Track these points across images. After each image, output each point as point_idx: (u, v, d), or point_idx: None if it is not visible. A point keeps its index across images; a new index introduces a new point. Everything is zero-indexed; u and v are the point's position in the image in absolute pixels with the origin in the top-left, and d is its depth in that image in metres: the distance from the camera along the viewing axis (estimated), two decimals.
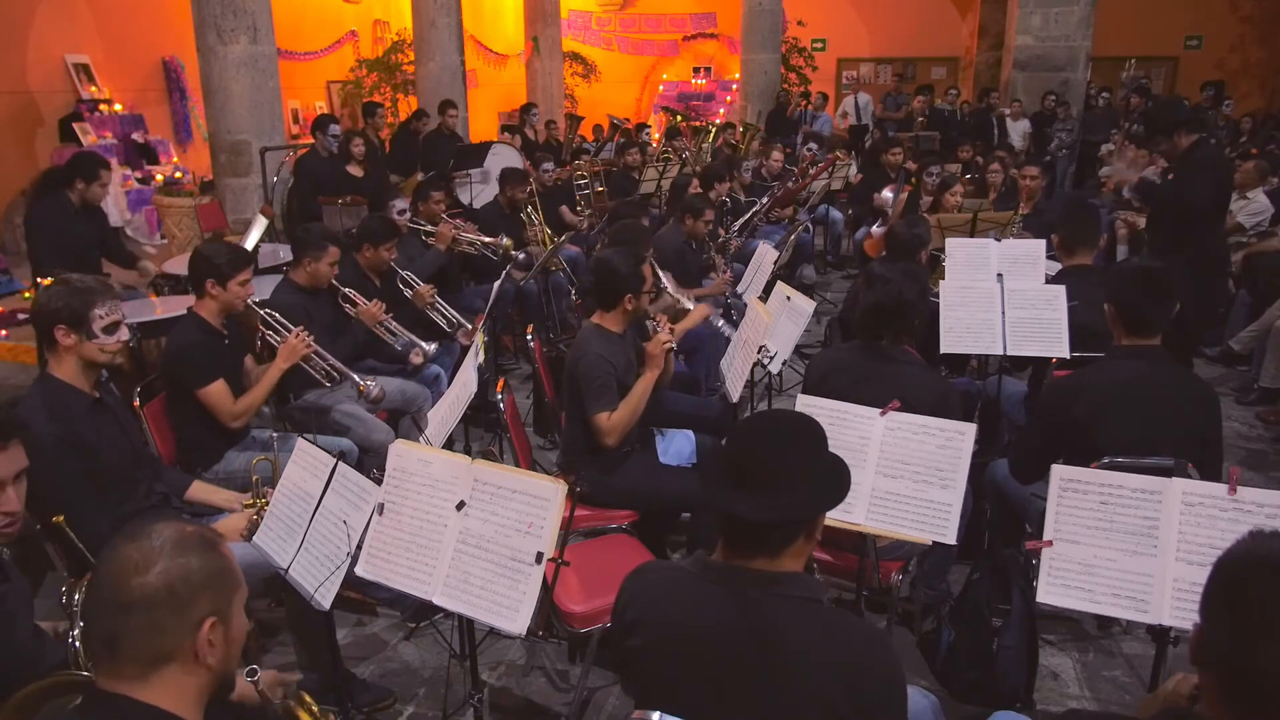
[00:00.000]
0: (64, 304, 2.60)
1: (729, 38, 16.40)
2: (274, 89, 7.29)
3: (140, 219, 9.05)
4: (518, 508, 2.14)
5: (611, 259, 3.37)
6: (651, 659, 1.64)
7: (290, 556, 2.36)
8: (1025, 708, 2.81)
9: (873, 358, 3.00)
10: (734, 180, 7.51)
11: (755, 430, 1.69)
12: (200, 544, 1.38)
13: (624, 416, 3.18)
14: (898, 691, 1.57)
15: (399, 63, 12.59)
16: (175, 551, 1.34)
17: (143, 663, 1.32)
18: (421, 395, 4.27)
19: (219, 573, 1.38)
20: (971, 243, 4.55)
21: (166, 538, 1.36)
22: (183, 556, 1.34)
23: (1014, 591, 2.84)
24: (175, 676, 1.34)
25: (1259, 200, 6.67)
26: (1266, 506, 2.05)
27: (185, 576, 1.33)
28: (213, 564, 1.38)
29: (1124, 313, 2.88)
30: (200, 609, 1.34)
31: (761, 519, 1.57)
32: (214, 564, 1.38)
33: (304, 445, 2.49)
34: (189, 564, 1.34)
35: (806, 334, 4.37)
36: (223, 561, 1.40)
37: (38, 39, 8.82)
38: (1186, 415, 2.78)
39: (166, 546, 1.34)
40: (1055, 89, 11.51)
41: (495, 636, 3.17)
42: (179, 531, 1.38)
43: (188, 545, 1.36)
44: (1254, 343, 5.64)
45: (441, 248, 5.28)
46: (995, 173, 6.75)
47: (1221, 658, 1.23)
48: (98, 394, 2.74)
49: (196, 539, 1.39)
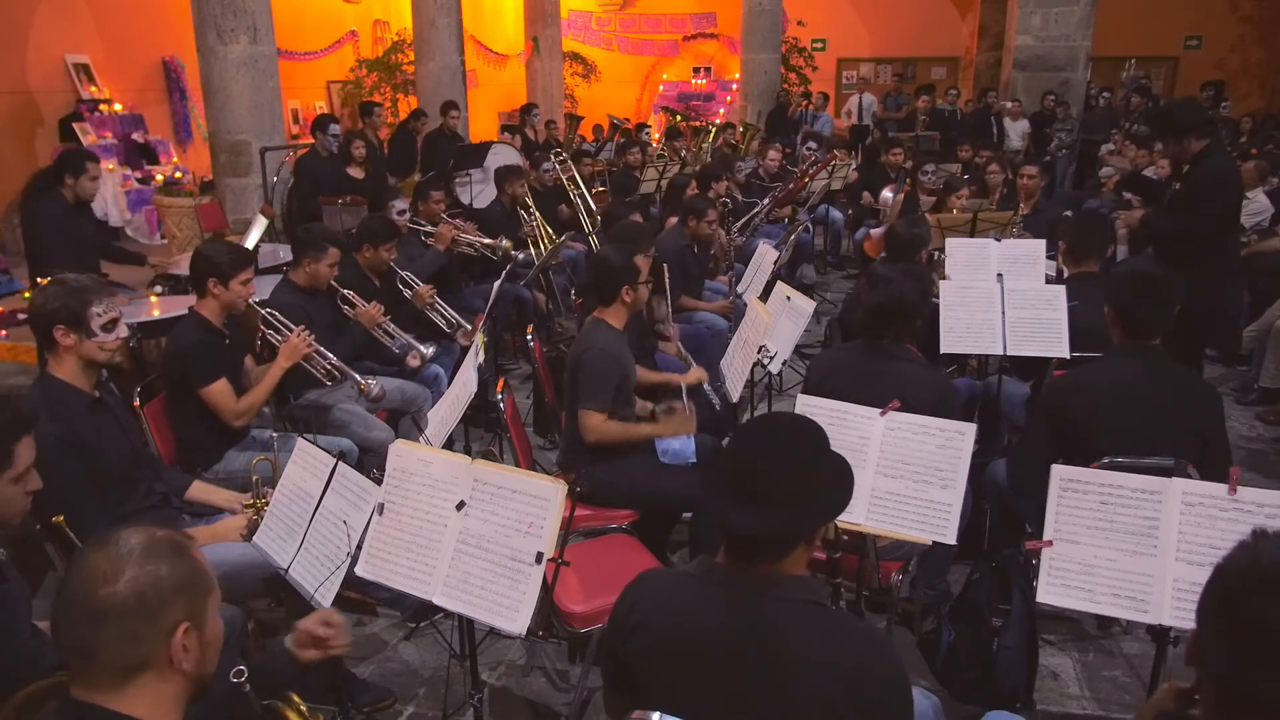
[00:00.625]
0: (61, 304, 2.60)
1: (729, 38, 16.40)
2: (274, 89, 7.29)
3: (140, 219, 9.05)
4: (518, 508, 2.13)
5: (606, 253, 3.46)
6: (653, 661, 1.64)
7: (290, 556, 2.36)
8: (1025, 708, 2.81)
9: (875, 356, 3.01)
10: (730, 180, 7.50)
11: (755, 440, 1.66)
12: (169, 549, 1.36)
13: (613, 436, 3.25)
14: (900, 693, 1.57)
15: (399, 63, 12.59)
16: (144, 559, 1.33)
17: (117, 672, 1.31)
18: (421, 395, 4.27)
19: (190, 577, 1.37)
20: (971, 243, 4.55)
21: (134, 545, 1.34)
22: (151, 563, 1.33)
23: (1014, 591, 2.84)
24: (151, 684, 1.33)
25: (1259, 200, 6.67)
26: (1266, 506, 2.05)
27: (155, 584, 1.32)
28: (183, 569, 1.36)
29: (1123, 315, 2.90)
30: (172, 615, 1.33)
31: (765, 533, 1.57)
32: (184, 569, 1.36)
33: (304, 445, 2.49)
34: (158, 571, 1.33)
35: (806, 334, 4.37)
36: (193, 565, 1.39)
37: (38, 39, 8.82)
38: (1185, 414, 2.78)
39: (135, 554, 1.33)
40: (1055, 89, 11.51)
41: (495, 636, 3.17)
42: (147, 538, 1.37)
43: (156, 552, 1.35)
44: (1254, 343, 5.64)
45: (441, 248, 5.28)
46: (995, 174, 6.74)
47: (1219, 672, 1.22)
48: (97, 394, 2.74)
49: (165, 545, 1.37)
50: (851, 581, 2.76)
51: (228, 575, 2.70)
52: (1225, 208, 4.57)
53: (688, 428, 3.39)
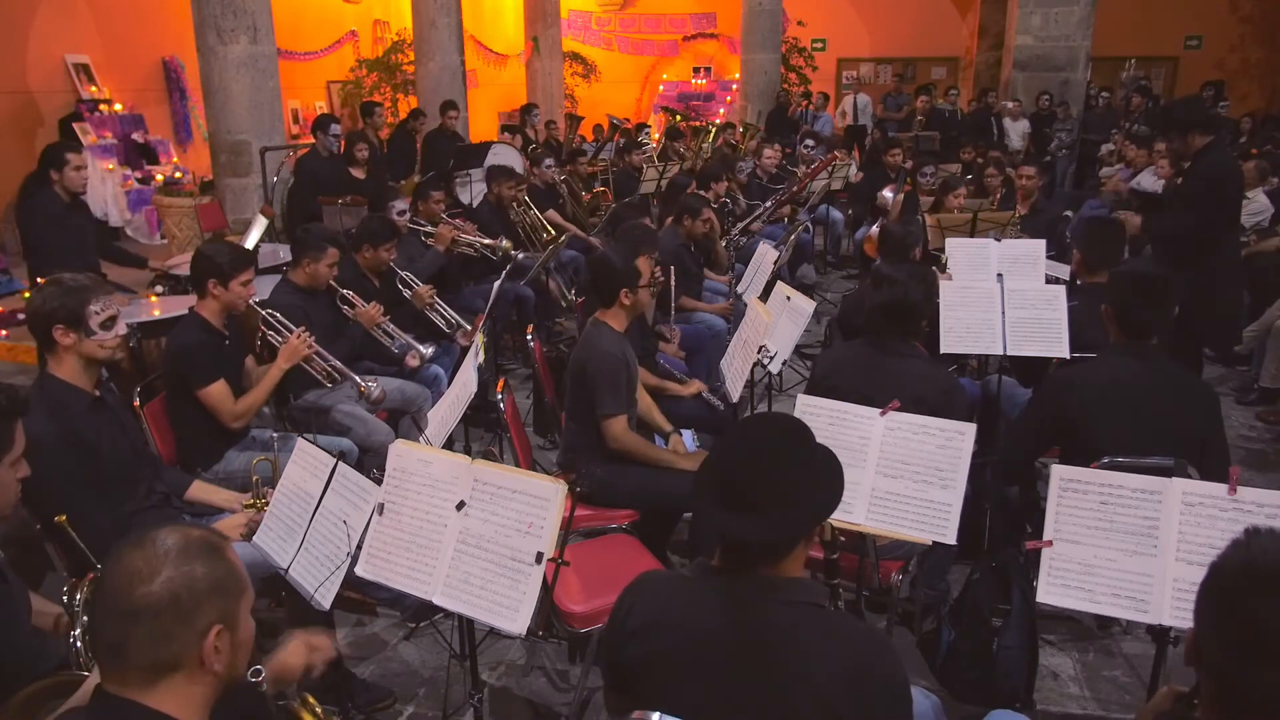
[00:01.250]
0: (60, 304, 2.59)
1: (729, 38, 16.40)
2: (274, 89, 7.30)
3: (140, 219, 9.05)
4: (518, 508, 2.13)
5: (607, 255, 3.42)
6: (653, 665, 1.64)
7: (290, 556, 2.36)
8: (1025, 708, 2.81)
9: (880, 352, 3.02)
10: (731, 180, 7.49)
11: (737, 447, 1.64)
12: (205, 550, 1.37)
13: (634, 449, 3.24)
14: (900, 694, 1.57)
15: (399, 63, 12.59)
16: (180, 559, 1.34)
17: (149, 670, 1.32)
18: (421, 395, 4.27)
19: (224, 579, 1.38)
20: (971, 243, 4.55)
21: (171, 545, 1.35)
22: (187, 564, 1.34)
23: (1014, 591, 2.84)
24: (181, 683, 1.34)
25: (1259, 200, 6.67)
26: (1266, 506, 2.05)
27: (190, 585, 1.33)
28: (218, 570, 1.37)
29: (1121, 315, 2.91)
30: (206, 617, 1.34)
31: (757, 539, 1.57)
32: (219, 570, 1.37)
33: (304, 445, 2.49)
34: (194, 572, 1.34)
35: (806, 334, 4.38)
36: (228, 567, 1.39)
37: (38, 39, 8.82)
38: (1181, 413, 2.78)
39: (171, 554, 1.34)
40: (1055, 89, 11.51)
41: (495, 636, 3.17)
42: (184, 537, 1.37)
43: (192, 552, 1.35)
44: (1254, 343, 5.64)
45: (441, 249, 5.28)
46: (992, 176, 6.72)
47: (1216, 668, 1.23)
48: (98, 393, 2.74)
49: (201, 545, 1.37)
50: (851, 581, 2.76)
51: None
52: (1227, 205, 4.56)
53: None
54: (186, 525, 1.43)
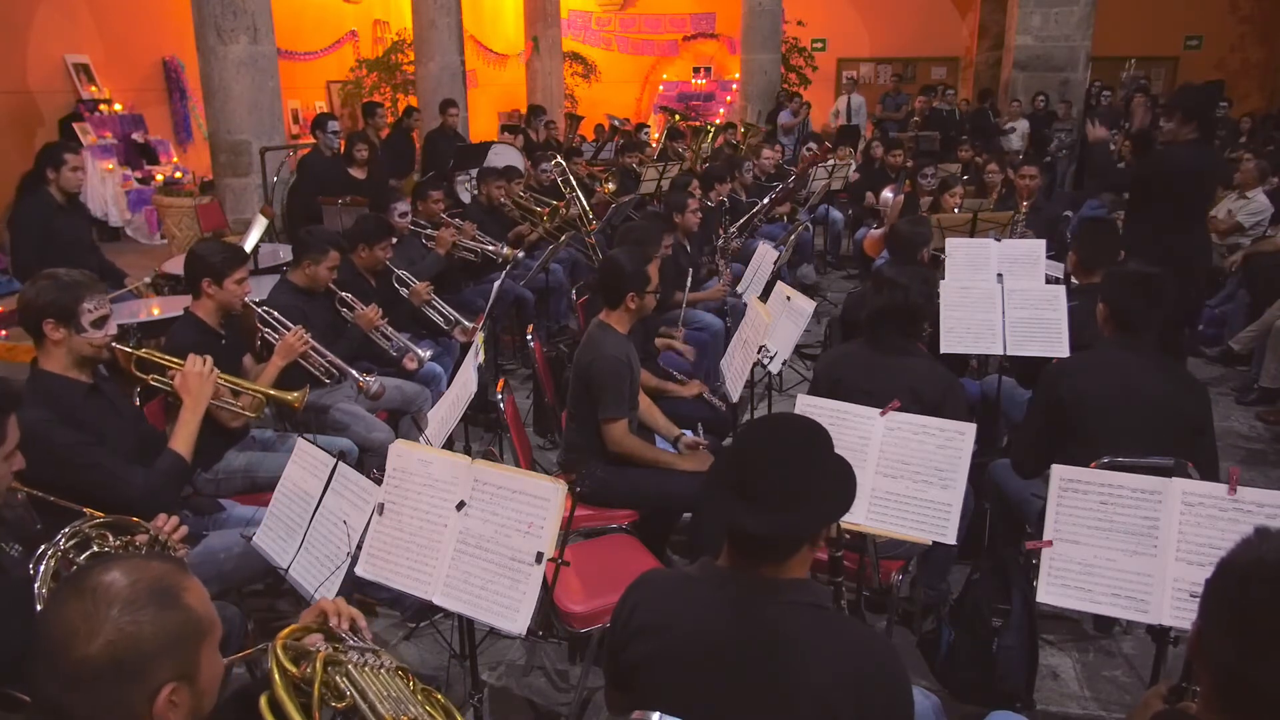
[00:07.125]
0: (52, 299, 2.57)
1: (729, 38, 16.39)
2: (274, 89, 7.30)
3: (140, 219, 9.06)
4: (518, 508, 2.13)
5: (618, 256, 3.40)
6: (656, 665, 1.64)
7: (290, 556, 2.36)
8: (1025, 708, 2.81)
9: (881, 350, 3.03)
10: (736, 181, 7.50)
11: (760, 441, 1.66)
12: (156, 597, 1.20)
13: (634, 452, 3.24)
14: (901, 695, 1.57)
15: (399, 63, 12.58)
16: (125, 610, 1.17)
17: None
18: (421, 395, 4.27)
19: (179, 629, 1.21)
20: (971, 243, 4.55)
21: (116, 593, 1.18)
22: (132, 616, 1.17)
23: (1014, 591, 2.85)
24: None
25: (1259, 200, 6.66)
26: (1266, 506, 2.05)
27: (136, 645, 1.17)
28: (170, 622, 1.20)
29: (1116, 312, 2.96)
30: (156, 677, 1.18)
31: (771, 534, 1.57)
32: (171, 622, 1.20)
33: (304, 445, 2.49)
34: (139, 630, 1.17)
35: (806, 334, 4.38)
36: (183, 615, 1.22)
37: (38, 39, 8.82)
38: (1175, 402, 2.82)
39: (116, 605, 1.17)
40: (1055, 89, 11.50)
41: (495, 636, 3.17)
42: (132, 582, 1.20)
43: (140, 601, 1.19)
44: (1254, 343, 5.64)
45: (441, 252, 5.27)
46: (993, 173, 6.74)
47: (1222, 666, 1.23)
48: (93, 381, 2.72)
49: (151, 591, 1.20)
50: (852, 581, 2.77)
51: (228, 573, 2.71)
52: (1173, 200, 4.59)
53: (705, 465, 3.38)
54: (141, 560, 1.27)
